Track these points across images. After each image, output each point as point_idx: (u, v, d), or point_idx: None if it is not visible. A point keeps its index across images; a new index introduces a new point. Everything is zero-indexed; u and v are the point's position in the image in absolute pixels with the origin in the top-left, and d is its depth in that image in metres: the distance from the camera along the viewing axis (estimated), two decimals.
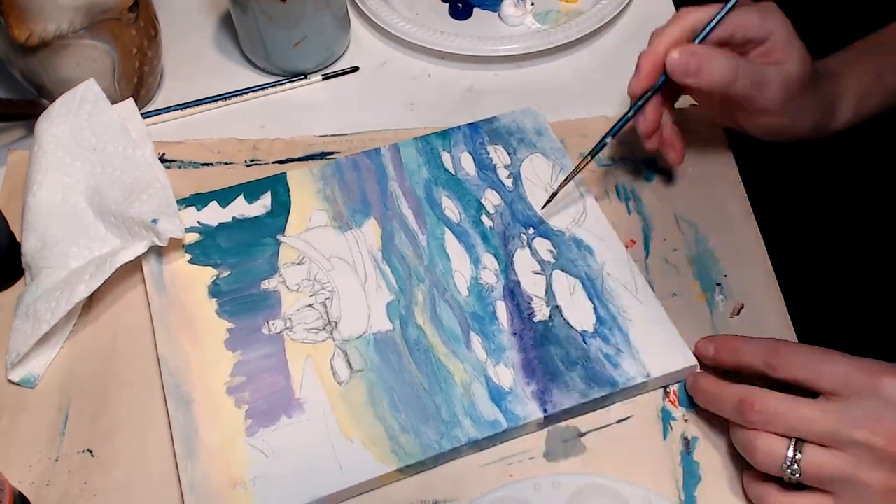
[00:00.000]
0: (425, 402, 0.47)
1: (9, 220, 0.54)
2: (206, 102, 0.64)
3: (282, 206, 0.56)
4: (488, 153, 0.58)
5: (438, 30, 0.66)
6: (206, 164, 0.60)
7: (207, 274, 0.52)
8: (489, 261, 0.53)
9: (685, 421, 0.47)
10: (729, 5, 0.48)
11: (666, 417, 0.47)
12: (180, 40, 0.68)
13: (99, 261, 0.51)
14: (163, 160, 0.59)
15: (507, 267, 0.52)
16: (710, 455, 0.46)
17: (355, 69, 0.67)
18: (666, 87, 0.50)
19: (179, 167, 0.60)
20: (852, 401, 0.39)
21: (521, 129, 0.60)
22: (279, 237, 0.54)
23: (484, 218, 0.55)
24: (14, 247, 0.54)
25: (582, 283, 0.51)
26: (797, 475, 0.40)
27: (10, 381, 0.49)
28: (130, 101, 0.60)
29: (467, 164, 0.58)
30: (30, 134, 0.60)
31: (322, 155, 0.60)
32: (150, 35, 0.61)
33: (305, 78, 0.65)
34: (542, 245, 0.53)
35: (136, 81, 0.62)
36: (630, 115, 0.51)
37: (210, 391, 0.47)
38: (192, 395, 0.47)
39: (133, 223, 0.52)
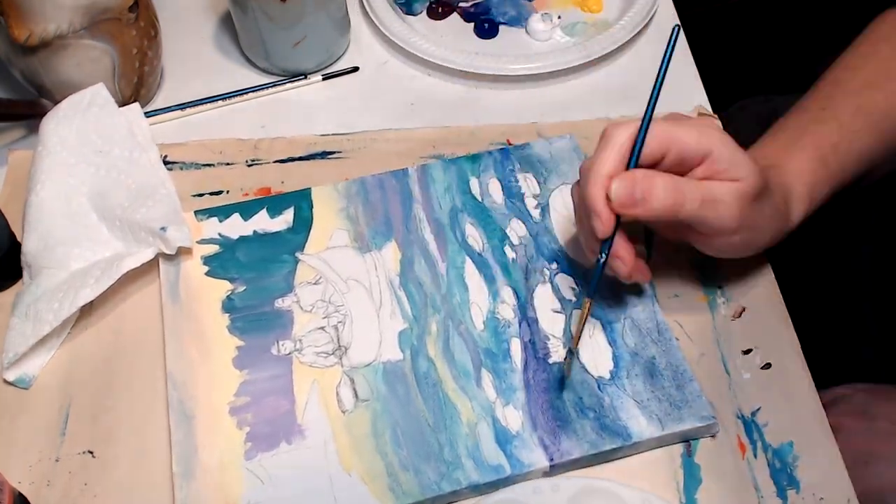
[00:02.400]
0: (429, 440, 0.45)
1: (9, 220, 0.54)
2: (206, 102, 0.64)
3: (303, 223, 0.55)
4: (517, 181, 0.57)
5: (467, 50, 0.65)
6: (208, 165, 0.60)
7: (223, 288, 0.52)
8: (508, 295, 0.51)
9: None
10: (646, 117, 0.44)
11: None
12: (180, 40, 0.68)
13: (103, 265, 0.51)
14: (165, 162, 0.59)
15: (525, 303, 0.51)
16: (712, 457, 0.45)
17: (355, 69, 0.66)
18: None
19: (181, 168, 0.60)
20: None
21: (553, 157, 0.58)
22: (298, 255, 0.53)
23: (507, 249, 0.53)
24: (14, 247, 0.54)
25: (602, 326, 0.49)
26: None
27: (4, 380, 0.49)
28: (136, 105, 0.60)
29: (495, 190, 0.56)
30: (30, 134, 0.61)
31: (323, 154, 0.60)
32: (150, 35, 0.61)
33: (305, 78, 0.65)
34: (564, 282, 0.51)
35: (136, 81, 0.61)
36: (603, 259, 0.45)
37: (213, 409, 0.47)
38: (194, 411, 0.47)
39: (139, 229, 0.52)
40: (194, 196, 0.58)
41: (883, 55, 0.54)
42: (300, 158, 0.60)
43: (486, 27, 0.68)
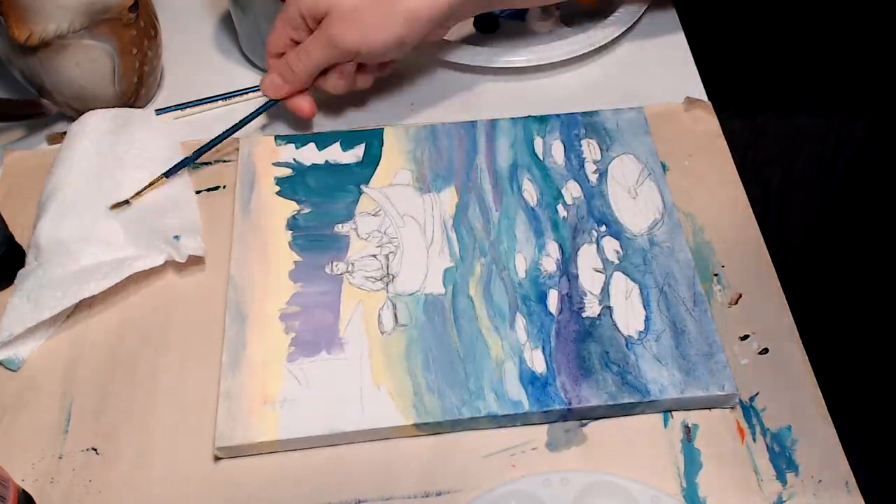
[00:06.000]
0: (457, 369, 0.48)
1: (6, 220, 0.53)
2: (206, 102, 0.63)
3: (372, 159, 0.58)
4: (580, 146, 0.58)
5: (469, 44, 0.65)
6: (206, 164, 0.60)
7: (290, 208, 0.56)
8: (553, 249, 0.53)
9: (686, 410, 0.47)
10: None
11: None
12: (180, 40, 0.68)
13: (114, 263, 0.52)
14: None
15: (569, 259, 0.52)
16: (711, 442, 0.46)
17: None
18: None
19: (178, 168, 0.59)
20: None
21: (620, 128, 0.59)
22: (362, 187, 0.57)
23: (560, 207, 0.55)
24: (12, 248, 0.53)
25: (640, 290, 0.51)
26: None
27: None
28: (176, 122, 0.62)
29: (557, 152, 0.58)
30: (30, 134, 0.62)
31: None
32: (150, 35, 0.61)
33: None
34: (610, 244, 0.53)
35: (136, 81, 0.61)
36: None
37: (265, 313, 0.51)
38: (248, 313, 0.51)
39: (154, 236, 0.53)
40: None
41: None
42: None
43: (486, 21, 0.68)
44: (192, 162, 0.57)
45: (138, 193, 0.55)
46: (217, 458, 0.46)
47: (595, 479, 0.44)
